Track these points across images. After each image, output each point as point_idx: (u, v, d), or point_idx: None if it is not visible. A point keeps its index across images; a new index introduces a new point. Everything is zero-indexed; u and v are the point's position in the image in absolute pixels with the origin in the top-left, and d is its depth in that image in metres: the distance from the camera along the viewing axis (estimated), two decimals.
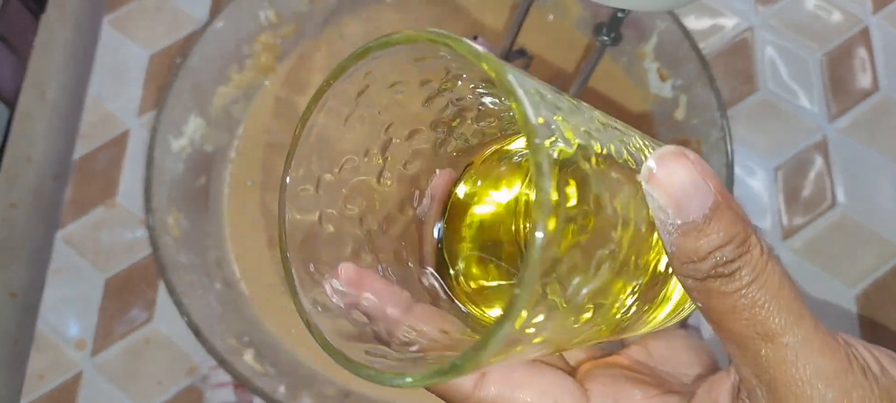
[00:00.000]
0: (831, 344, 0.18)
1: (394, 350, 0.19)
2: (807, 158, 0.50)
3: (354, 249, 0.21)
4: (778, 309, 0.17)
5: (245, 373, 0.38)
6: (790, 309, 0.17)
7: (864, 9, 0.55)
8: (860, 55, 0.53)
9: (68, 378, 0.45)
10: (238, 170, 0.47)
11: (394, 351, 0.19)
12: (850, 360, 0.18)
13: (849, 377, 0.17)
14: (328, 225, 0.21)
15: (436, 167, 0.23)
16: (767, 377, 0.17)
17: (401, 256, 0.22)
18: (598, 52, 0.38)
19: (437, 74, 0.19)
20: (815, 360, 0.17)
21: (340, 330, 0.20)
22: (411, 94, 0.20)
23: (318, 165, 0.20)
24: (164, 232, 0.41)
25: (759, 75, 0.53)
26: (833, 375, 0.17)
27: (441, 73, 0.19)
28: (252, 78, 0.48)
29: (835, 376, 0.17)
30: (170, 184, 0.43)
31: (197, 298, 0.40)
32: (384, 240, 0.22)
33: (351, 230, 0.21)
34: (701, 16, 0.55)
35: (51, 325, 0.46)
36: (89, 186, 0.49)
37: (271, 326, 0.43)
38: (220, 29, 0.45)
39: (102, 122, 0.51)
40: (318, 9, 0.49)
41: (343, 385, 0.42)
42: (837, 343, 0.18)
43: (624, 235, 0.17)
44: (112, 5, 0.54)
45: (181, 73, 0.43)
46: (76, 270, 0.47)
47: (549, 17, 0.50)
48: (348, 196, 0.21)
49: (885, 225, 0.48)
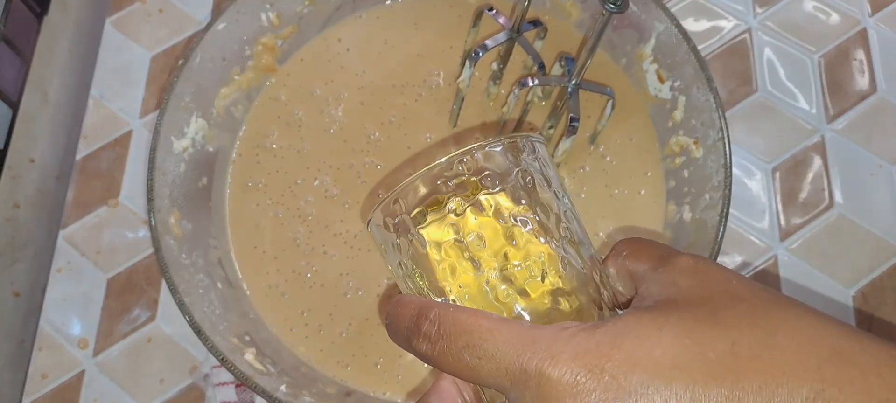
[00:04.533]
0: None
1: None
2: (804, 159, 0.51)
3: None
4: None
5: (246, 372, 0.38)
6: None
7: (861, 11, 0.55)
8: (858, 57, 0.54)
9: (71, 376, 0.45)
10: (239, 170, 0.47)
11: None
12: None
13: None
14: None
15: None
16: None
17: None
18: (604, 20, 0.38)
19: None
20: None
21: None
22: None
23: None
24: (165, 232, 0.41)
25: (757, 77, 0.53)
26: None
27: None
28: (253, 79, 0.48)
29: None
30: (172, 184, 0.43)
31: (199, 297, 0.40)
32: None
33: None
34: (700, 17, 0.55)
35: (54, 324, 0.46)
36: (92, 186, 0.50)
37: (272, 325, 0.44)
38: (221, 30, 0.45)
39: (105, 123, 0.51)
40: (318, 10, 0.49)
41: (344, 384, 0.43)
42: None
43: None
44: (114, 7, 0.54)
45: (183, 74, 0.43)
46: (79, 270, 0.47)
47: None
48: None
49: (882, 225, 0.49)
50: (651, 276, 0.26)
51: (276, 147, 0.48)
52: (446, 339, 0.24)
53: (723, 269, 0.25)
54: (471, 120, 0.48)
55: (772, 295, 0.23)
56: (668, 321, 0.22)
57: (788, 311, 0.22)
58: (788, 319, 0.22)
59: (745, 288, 0.23)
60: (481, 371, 0.23)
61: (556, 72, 0.48)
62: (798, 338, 0.21)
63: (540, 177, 0.27)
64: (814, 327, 0.22)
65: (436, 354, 0.24)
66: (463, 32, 0.50)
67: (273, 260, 0.45)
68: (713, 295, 0.23)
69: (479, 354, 0.23)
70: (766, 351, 0.21)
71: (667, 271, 0.25)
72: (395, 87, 0.50)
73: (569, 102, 0.43)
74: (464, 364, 0.23)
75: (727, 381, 0.20)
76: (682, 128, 0.46)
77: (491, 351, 0.23)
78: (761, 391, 0.20)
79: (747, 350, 0.21)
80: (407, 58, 0.50)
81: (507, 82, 0.49)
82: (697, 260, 0.25)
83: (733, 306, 0.22)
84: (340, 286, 0.44)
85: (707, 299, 0.23)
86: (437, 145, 0.48)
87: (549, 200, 0.27)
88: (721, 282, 0.24)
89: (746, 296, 0.23)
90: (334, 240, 0.45)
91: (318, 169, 0.47)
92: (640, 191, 0.47)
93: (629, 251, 0.28)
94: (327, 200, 0.47)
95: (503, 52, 0.47)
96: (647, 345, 0.21)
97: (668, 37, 0.45)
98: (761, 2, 0.55)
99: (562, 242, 0.27)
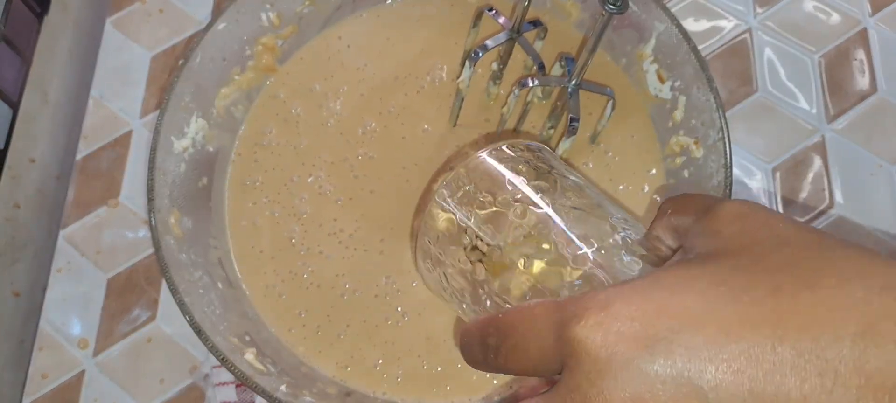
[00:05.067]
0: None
1: None
2: (805, 159, 0.51)
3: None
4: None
5: (247, 372, 0.38)
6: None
7: (862, 11, 0.55)
8: (858, 57, 0.54)
9: (71, 376, 0.45)
10: (238, 169, 0.47)
11: None
12: None
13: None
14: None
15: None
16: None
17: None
18: (604, 21, 0.38)
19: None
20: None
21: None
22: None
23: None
24: (166, 232, 0.41)
25: (757, 76, 0.53)
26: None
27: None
28: (254, 79, 0.48)
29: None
30: (172, 184, 0.43)
31: (199, 297, 0.40)
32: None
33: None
34: (700, 17, 0.55)
35: (54, 324, 0.46)
36: (92, 186, 0.50)
37: (271, 326, 0.44)
38: (221, 30, 0.45)
39: (105, 123, 0.51)
40: (318, 10, 0.49)
41: (344, 385, 0.43)
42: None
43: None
44: (114, 7, 0.54)
45: (183, 74, 0.43)
46: (79, 270, 0.47)
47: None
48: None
49: (882, 225, 0.49)
50: (694, 229, 0.25)
51: (273, 144, 0.48)
52: (505, 338, 0.24)
53: (769, 213, 0.23)
54: (471, 119, 0.48)
55: (820, 237, 0.22)
56: (704, 271, 0.21)
57: (836, 252, 0.21)
58: (836, 260, 0.21)
59: (792, 231, 0.22)
60: (530, 356, 0.23)
61: (556, 73, 0.48)
62: (846, 275, 0.20)
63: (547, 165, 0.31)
64: (863, 264, 0.20)
65: (502, 360, 0.24)
66: (466, 30, 0.50)
67: (270, 260, 0.45)
68: (756, 241, 0.22)
69: (526, 340, 0.23)
70: (808, 292, 0.20)
71: (709, 221, 0.24)
72: (398, 79, 0.50)
73: (569, 103, 0.43)
74: (520, 356, 0.23)
75: (765, 326, 0.19)
76: (682, 128, 0.46)
77: (534, 333, 0.22)
78: (804, 332, 0.19)
79: (789, 293, 0.20)
80: (410, 52, 0.50)
81: (508, 82, 0.49)
82: (743, 205, 0.24)
83: (777, 250, 0.21)
84: (337, 287, 0.44)
85: (749, 246, 0.22)
86: (434, 138, 0.48)
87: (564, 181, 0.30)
88: (766, 227, 0.22)
89: (792, 239, 0.22)
90: (329, 240, 0.45)
91: (313, 164, 0.47)
92: (644, 188, 0.47)
93: (674, 207, 0.27)
94: (321, 197, 0.46)
95: (503, 53, 0.47)
96: (679, 295, 0.21)
97: (669, 37, 0.45)
98: (761, 2, 0.55)
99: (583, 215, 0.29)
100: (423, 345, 0.43)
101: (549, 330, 0.22)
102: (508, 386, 0.43)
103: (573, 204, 0.30)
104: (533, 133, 0.48)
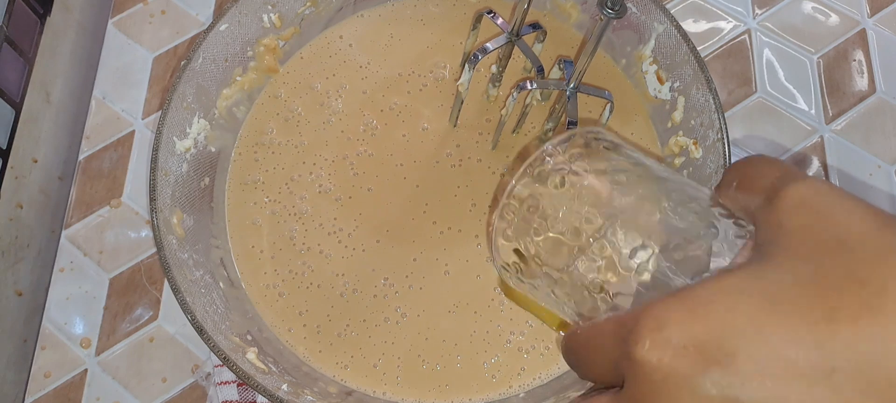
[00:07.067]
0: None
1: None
2: (803, 160, 0.51)
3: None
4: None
5: (248, 371, 0.38)
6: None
7: (860, 12, 0.55)
8: (857, 58, 0.54)
9: (73, 375, 0.46)
10: (238, 168, 0.47)
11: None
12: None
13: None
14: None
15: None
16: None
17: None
18: (602, 25, 0.38)
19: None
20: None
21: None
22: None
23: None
24: (168, 232, 0.41)
25: (756, 78, 0.53)
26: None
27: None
28: (255, 80, 0.48)
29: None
30: (174, 184, 0.43)
31: (201, 297, 0.40)
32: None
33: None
34: (699, 19, 0.55)
35: (56, 324, 0.47)
36: (94, 187, 0.50)
37: (271, 326, 0.44)
38: (223, 31, 0.45)
39: (107, 124, 0.51)
40: (319, 11, 0.50)
41: (344, 385, 0.43)
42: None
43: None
44: (117, 8, 0.55)
45: (185, 75, 0.43)
46: (81, 269, 0.48)
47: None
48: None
49: None
50: (759, 216, 0.23)
51: (274, 143, 0.48)
52: (579, 354, 0.25)
53: (833, 200, 0.21)
54: (470, 120, 0.49)
55: (893, 238, 0.20)
56: (764, 283, 0.20)
57: None
58: None
59: (858, 229, 0.20)
60: (601, 371, 0.24)
61: (554, 75, 0.48)
62: None
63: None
64: None
65: (583, 373, 0.25)
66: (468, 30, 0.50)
67: (270, 260, 0.45)
68: (819, 242, 0.20)
69: (596, 355, 0.24)
70: (867, 317, 0.18)
71: (773, 209, 0.22)
72: (401, 76, 0.50)
73: (567, 106, 0.44)
74: (594, 371, 0.24)
75: (817, 358, 0.18)
76: (681, 129, 0.46)
77: (602, 350, 0.23)
78: (860, 375, 0.18)
79: (847, 319, 0.18)
80: (413, 50, 0.51)
81: (507, 84, 0.49)
82: (809, 189, 0.22)
83: (839, 257, 0.20)
84: (337, 286, 0.45)
85: (812, 251, 0.20)
86: (434, 137, 0.48)
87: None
88: (830, 222, 0.20)
89: (856, 244, 0.20)
90: (329, 240, 0.46)
91: (313, 162, 0.47)
92: None
93: (739, 180, 0.24)
94: (321, 195, 0.47)
95: (502, 55, 0.47)
96: (734, 313, 0.20)
97: (668, 38, 0.46)
98: (760, 3, 0.55)
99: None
100: (423, 345, 0.43)
101: (613, 346, 0.23)
102: (508, 386, 0.43)
103: (641, 194, 0.28)
104: (533, 134, 0.48)
